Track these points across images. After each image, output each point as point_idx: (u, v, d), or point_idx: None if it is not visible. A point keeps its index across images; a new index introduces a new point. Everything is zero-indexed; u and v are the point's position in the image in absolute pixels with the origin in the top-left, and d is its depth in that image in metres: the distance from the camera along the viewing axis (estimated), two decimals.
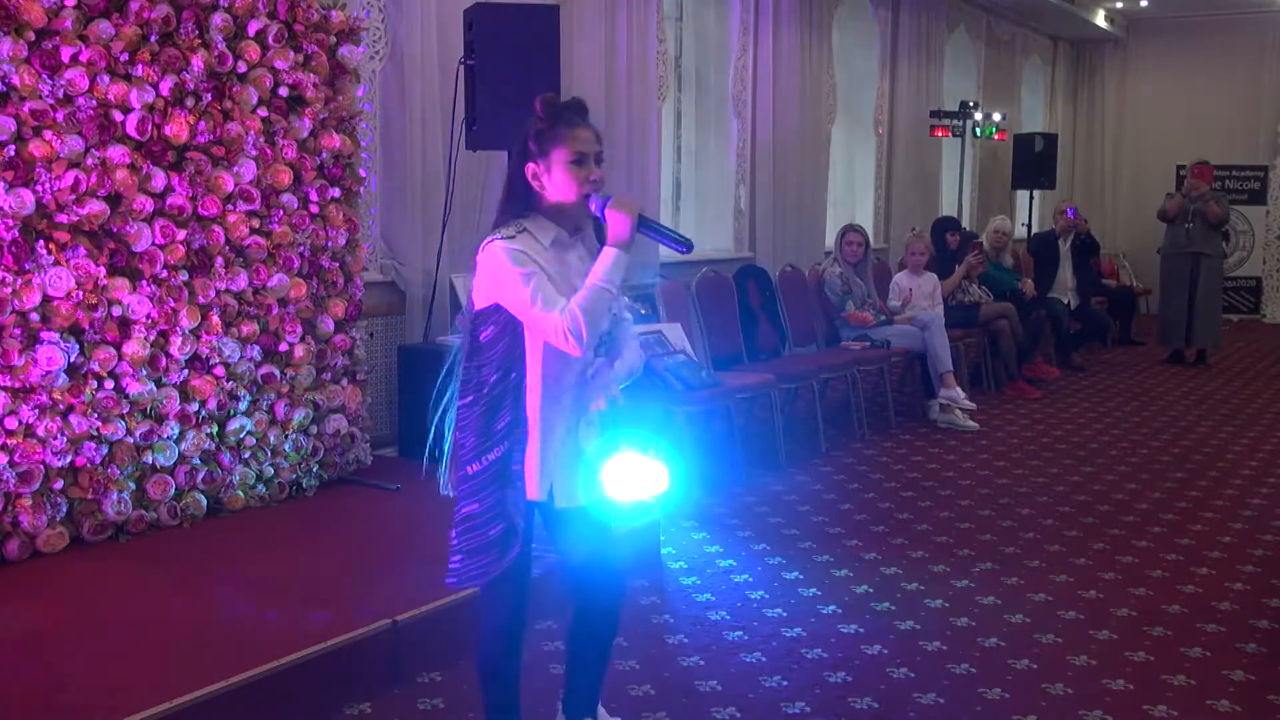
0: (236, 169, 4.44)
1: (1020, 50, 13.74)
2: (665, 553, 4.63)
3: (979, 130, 11.27)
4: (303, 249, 4.74)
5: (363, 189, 5.12)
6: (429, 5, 5.87)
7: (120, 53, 4.04)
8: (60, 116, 3.90)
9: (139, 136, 4.10)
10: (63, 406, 3.96)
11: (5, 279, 3.78)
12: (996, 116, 11.58)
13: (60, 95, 3.90)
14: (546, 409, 2.65)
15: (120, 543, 4.14)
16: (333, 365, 4.92)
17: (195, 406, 4.38)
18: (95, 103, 3.98)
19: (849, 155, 10.71)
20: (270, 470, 4.67)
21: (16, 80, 3.79)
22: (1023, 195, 12.04)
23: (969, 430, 7.20)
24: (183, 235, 4.27)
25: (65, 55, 3.91)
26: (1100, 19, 13.86)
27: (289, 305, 4.71)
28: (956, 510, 5.47)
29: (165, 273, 4.24)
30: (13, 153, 3.78)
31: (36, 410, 3.88)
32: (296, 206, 4.69)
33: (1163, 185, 12.50)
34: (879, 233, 10.84)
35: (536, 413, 2.65)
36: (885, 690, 3.50)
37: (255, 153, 4.49)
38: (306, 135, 4.72)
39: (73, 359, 3.97)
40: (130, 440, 4.18)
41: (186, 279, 4.32)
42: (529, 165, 2.64)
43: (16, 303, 3.81)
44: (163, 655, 3.21)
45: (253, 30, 4.49)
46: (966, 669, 3.66)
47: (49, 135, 3.86)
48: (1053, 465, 6.38)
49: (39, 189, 3.83)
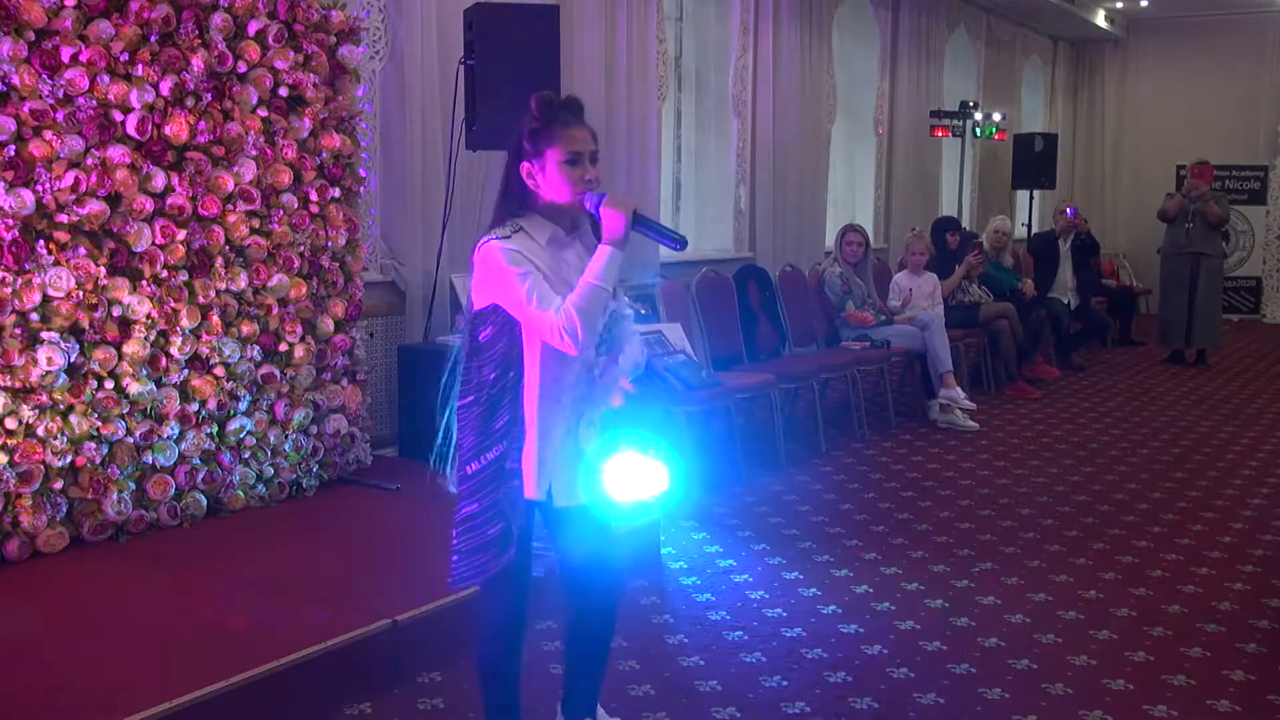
0: (236, 169, 4.44)
1: (1020, 50, 13.74)
2: (665, 553, 4.63)
3: (979, 130, 11.27)
4: (303, 249, 4.74)
5: (363, 189, 5.12)
6: (429, 5, 5.87)
7: (120, 53, 4.04)
8: (60, 116, 3.90)
9: (139, 136, 4.10)
10: (63, 406, 3.96)
11: (5, 279, 3.78)
12: (996, 116, 11.58)
13: (60, 95, 3.90)
14: (545, 408, 2.65)
15: (120, 543, 4.14)
16: (333, 365, 4.92)
17: (195, 406, 4.38)
18: (95, 103, 3.98)
19: (849, 155, 10.71)
20: (270, 470, 4.67)
21: (16, 80, 3.79)
22: (1023, 195, 12.04)
23: (969, 430, 7.20)
24: (183, 235, 4.27)
25: (65, 55, 3.91)
26: (1100, 19, 13.86)
27: (289, 305, 4.71)
28: (956, 510, 5.47)
29: (165, 273, 4.24)
30: (13, 153, 3.78)
31: (36, 410, 3.89)
32: (296, 206, 4.69)
33: (1163, 185, 12.50)
34: (879, 233, 10.83)
35: (535, 412, 2.65)
36: (885, 690, 3.50)
37: (255, 153, 4.49)
38: (306, 135, 4.72)
39: (73, 359, 3.97)
40: (130, 440, 4.18)
41: (186, 279, 4.32)
42: (524, 164, 2.63)
43: (16, 303, 3.81)
44: (163, 655, 3.21)
45: (253, 30, 4.49)
46: (966, 669, 3.66)
47: (49, 135, 3.86)
48: (1053, 465, 6.38)
49: (39, 189, 3.83)
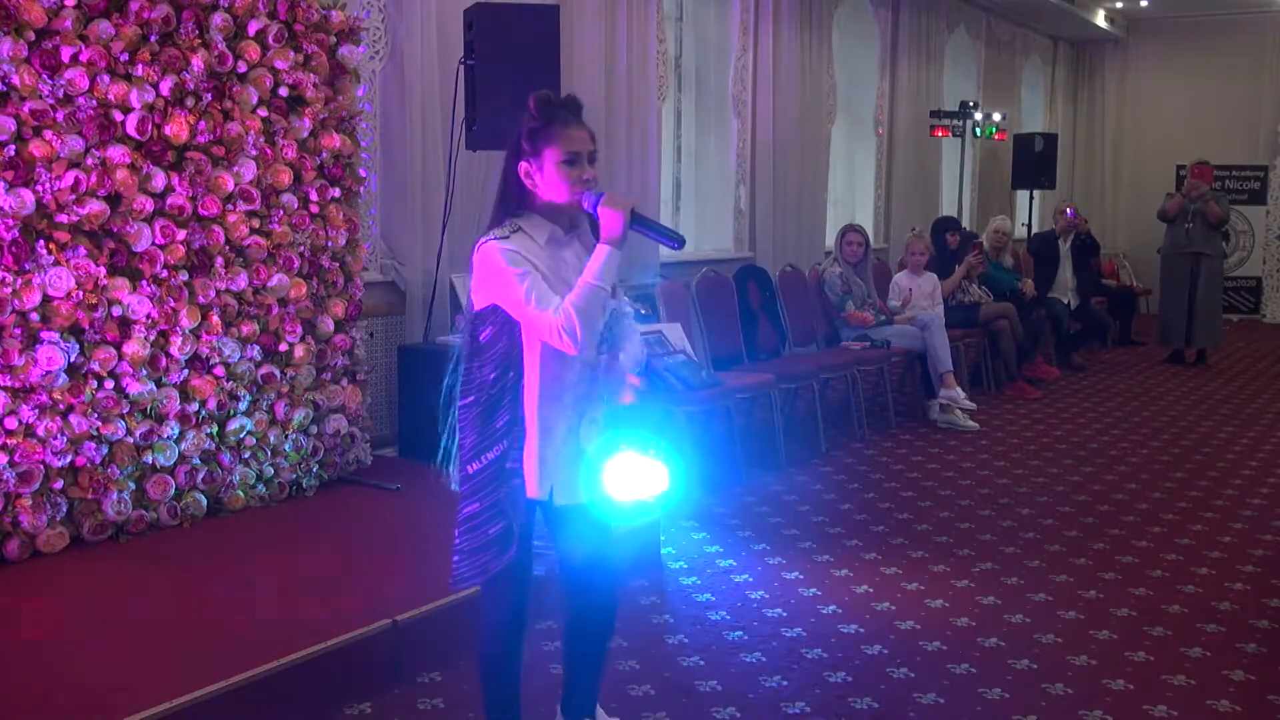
0: (236, 169, 4.44)
1: (1020, 50, 13.73)
2: (665, 553, 4.63)
3: (979, 130, 11.27)
4: (303, 249, 4.74)
5: (363, 189, 5.12)
6: (429, 5, 5.87)
7: (120, 53, 4.04)
8: (60, 116, 3.90)
9: (139, 136, 4.10)
10: (63, 406, 3.96)
11: (5, 279, 3.78)
12: (996, 116, 11.58)
13: (60, 95, 3.90)
14: (547, 407, 2.65)
15: (120, 543, 4.14)
16: (333, 365, 4.92)
17: (195, 406, 4.38)
18: (95, 103, 3.98)
19: (849, 155, 10.71)
20: (270, 470, 4.67)
21: (16, 80, 3.79)
22: (1023, 195, 12.04)
23: (969, 430, 7.20)
24: (183, 235, 4.27)
25: (65, 55, 3.91)
26: (1100, 19, 13.86)
27: (289, 305, 4.71)
28: (956, 510, 5.47)
29: (165, 273, 4.24)
30: (13, 153, 3.78)
31: (36, 410, 3.89)
32: (296, 206, 4.70)
33: (1163, 185, 12.49)
34: (879, 233, 10.83)
35: (536, 411, 2.64)
36: (885, 690, 3.50)
37: (255, 153, 4.50)
38: (306, 135, 4.72)
39: (73, 359, 3.97)
40: (130, 440, 4.18)
41: (186, 279, 4.32)
42: (521, 164, 2.63)
43: (16, 303, 3.81)
44: (163, 655, 3.21)
45: (253, 30, 4.49)
46: (966, 669, 3.66)
47: (49, 135, 3.86)
48: (1053, 465, 6.38)
49: (39, 189, 3.83)
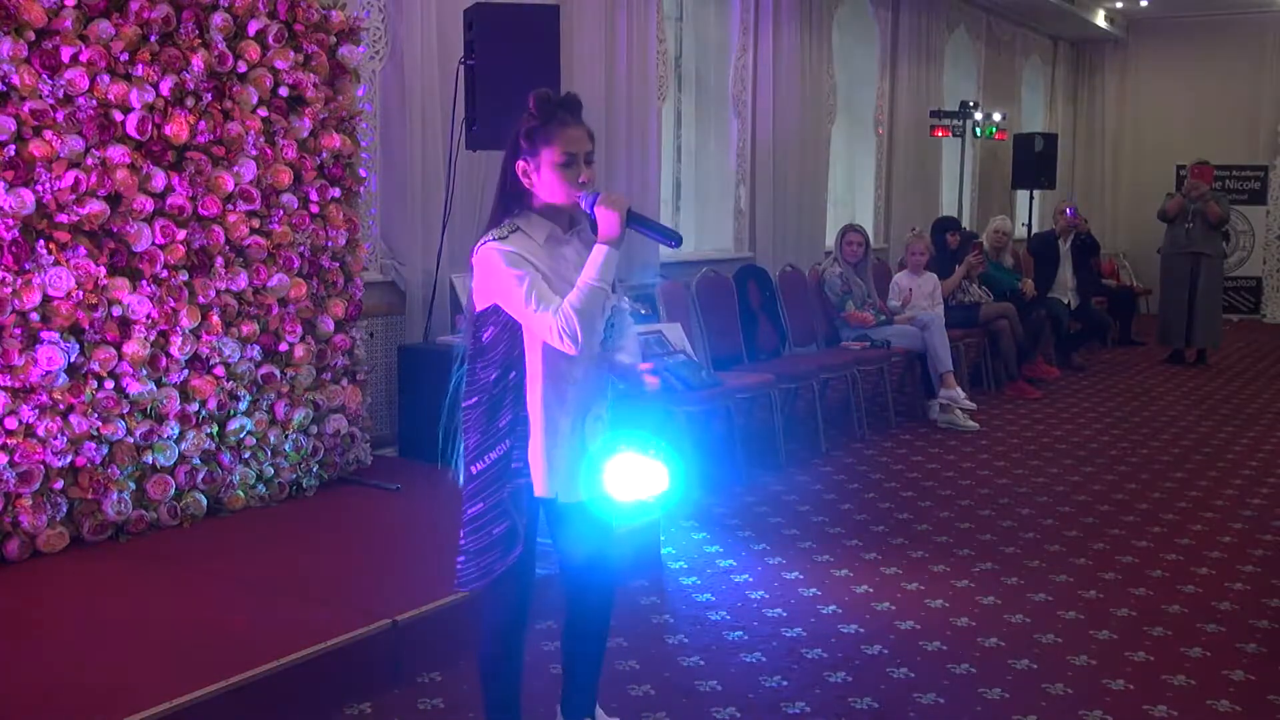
0: (236, 169, 4.44)
1: (1020, 50, 13.73)
2: (665, 553, 4.63)
3: (979, 130, 11.27)
4: (303, 249, 4.74)
5: (363, 189, 5.12)
6: (429, 5, 5.86)
7: (120, 53, 4.04)
8: (60, 116, 3.90)
9: (139, 136, 4.10)
10: (63, 406, 3.96)
11: (5, 279, 3.78)
12: (996, 116, 11.58)
13: (60, 95, 3.90)
14: (551, 406, 2.65)
15: (120, 543, 4.14)
16: (333, 365, 4.92)
17: (195, 406, 4.38)
18: (95, 103, 3.98)
19: (849, 155, 10.71)
20: (270, 470, 4.67)
21: (16, 80, 3.79)
22: (1023, 195, 12.04)
23: (969, 430, 7.19)
24: (183, 235, 4.27)
25: (65, 55, 3.91)
26: (1100, 19, 13.85)
27: (289, 305, 4.71)
28: (956, 510, 5.47)
29: (165, 273, 4.24)
30: (13, 153, 3.78)
31: (36, 410, 3.89)
32: (296, 206, 4.69)
33: (1163, 185, 12.49)
34: (879, 233, 10.83)
35: (539, 410, 2.65)
36: (885, 690, 3.50)
37: (255, 153, 4.49)
38: (306, 135, 4.72)
39: (73, 359, 3.97)
40: (130, 440, 4.18)
41: (186, 279, 4.32)
42: (519, 162, 2.63)
43: (16, 303, 3.81)
44: (163, 655, 3.21)
45: (253, 30, 4.49)
46: (966, 669, 3.66)
47: (49, 135, 3.86)
48: (1053, 465, 6.38)
49: (39, 189, 3.83)
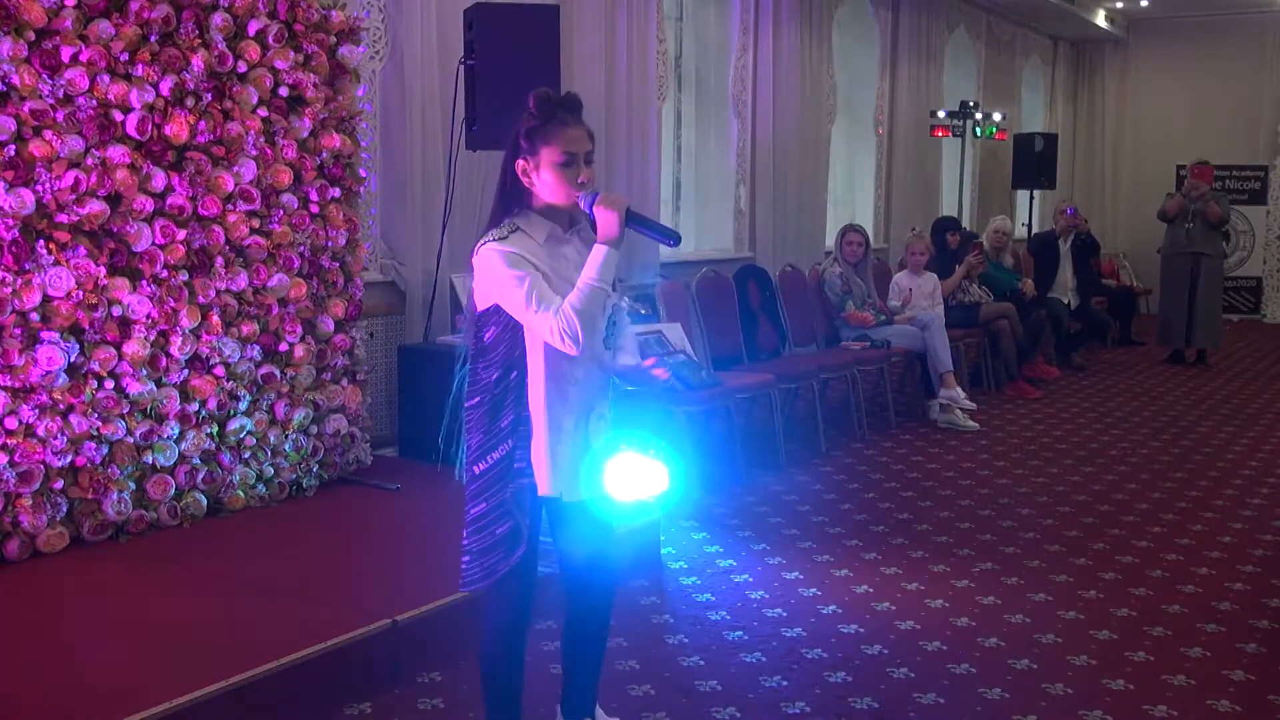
0: (236, 169, 4.44)
1: (1020, 50, 13.73)
2: (665, 553, 4.63)
3: (979, 130, 11.27)
4: (303, 249, 4.74)
5: (363, 189, 5.12)
6: (429, 5, 5.87)
7: (120, 53, 4.04)
8: (60, 116, 3.90)
9: (139, 136, 4.10)
10: (63, 406, 3.96)
11: (5, 279, 3.78)
12: (996, 116, 11.58)
13: (60, 95, 3.90)
14: (554, 406, 2.65)
15: (120, 543, 4.14)
16: (333, 365, 4.92)
17: (195, 406, 4.38)
18: (95, 103, 3.98)
19: (849, 155, 10.71)
20: (270, 470, 4.67)
21: (16, 80, 3.79)
22: (1023, 195, 12.04)
23: (969, 430, 7.19)
24: (183, 235, 4.27)
25: (65, 55, 3.91)
26: (1100, 19, 13.85)
27: (289, 305, 4.71)
28: (956, 510, 5.47)
29: (165, 273, 4.24)
30: (13, 153, 3.78)
31: (36, 410, 3.88)
32: (296, 206, 4.69)
33: (1163, 185, 12.49)
34: (879, 233, 10.83)
35: (543, 410, 2.64)
36: (885, 690, 3.50)
37: (255, 153, 4.49)
38: (306, 135, 4.72)
39: (73, 359, 3.97)
40: (130, 440, 4.17)
41: (186, 279, 4.32)
42: (519, 161, 2.63)
43: (16, 303, 3.81)
44: (163, 655, 3.21)
45: (253, 30, 4.49)
46: (966, 669, 3.66)
47: (49, 135, 3.86)
48: (1053, 465, 6.38)
49: (39, 189, 3.83)
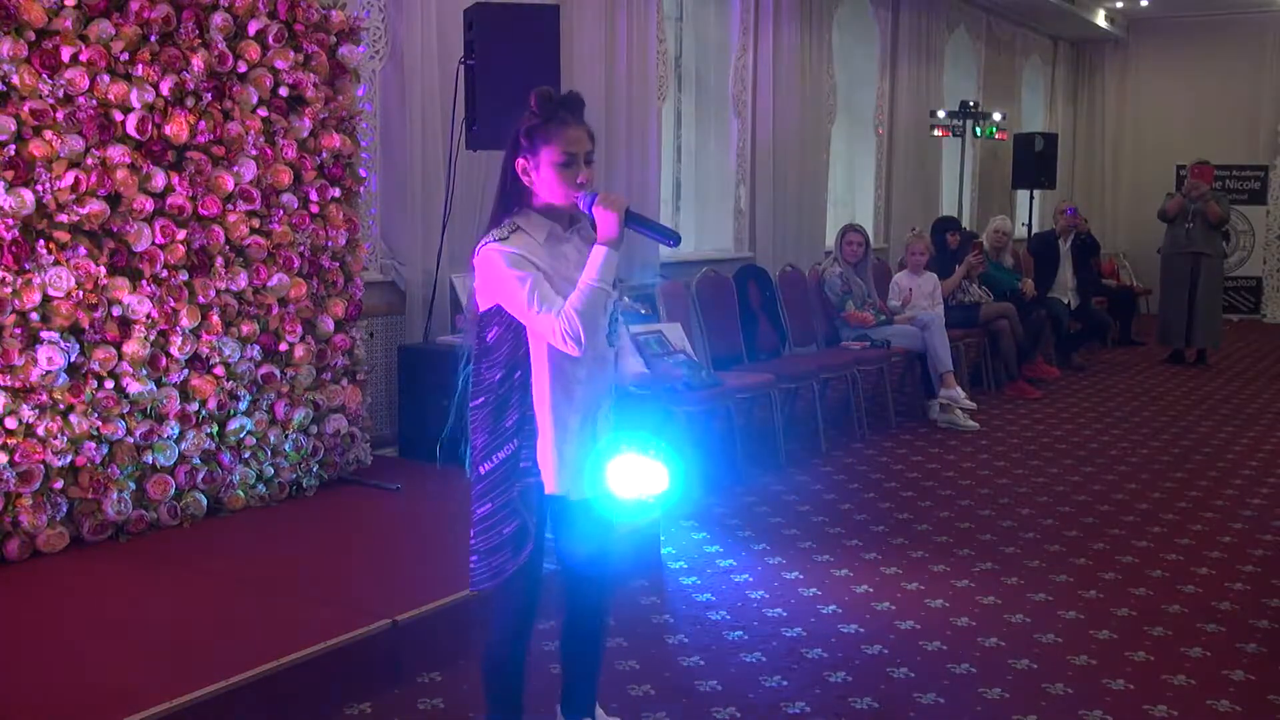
0: (236, 169, 4.44)
1: (1020, 50, 13.73)
2: (665, 553, 4.62)
3: (979, 130, 11.27)
4: (303, 249, 4.74)
5: (363, 189, 5.12)
6: (429, 5, 5.87)
7: (120, 53, 4.04)
8: (60, 116, 3.90)
9: (139, 136, 4.10)
10: (63, 406, 3.96)
11: (5, 279, 3.78)
12: (996, 116, 11.58)
13: (60, 95, 3.90)
14: (559, 405, 2.65)
15: (120, 543, 4.14)
16: (333, 365, 4.92)
17: (195, 406, 4.38)
18: (95, 102, 3.98)
19: (849, 155, 10.71)
20: (270, 470, 4.67)
21: (16, 80, 3.79)
22: (1023, 195, 12.04)
23: (969, 430, 7.19)
24: (183, 235, 4.27)
25: (65, 55, 3.91)
26: (1100, 19, 13.85)
27: (289, 305, 4.71)
28: (956, 510, 5.47)
29: (165, 272, 4.24)
30: (13, 152, 3.79)
31: (36, 410, 3.89)
32: (296, 206, 4.69)
33: (1163, 185, 12.49)
34: (879, 233, 10.83)
35: (548, 409, 2.64)
36: (885, 690, 3.50)
37: (255, 152, 4.49)
38: (306, 135, 4.72)
39: (73, 359, 3.97)
40: (130, 440, 4.17)
41: (186, 279, 4.32)
42: (519, 160, 2.63)
43: (16, 302, 3.82)
44: (163, 655, 3.21)
45: (253, 30, 4.49)
46: (966, 669, 3.66)
47: (49, 135, 3.86)
48: (1053, 465, 6.38)
49: (39, 189, 3.83)
